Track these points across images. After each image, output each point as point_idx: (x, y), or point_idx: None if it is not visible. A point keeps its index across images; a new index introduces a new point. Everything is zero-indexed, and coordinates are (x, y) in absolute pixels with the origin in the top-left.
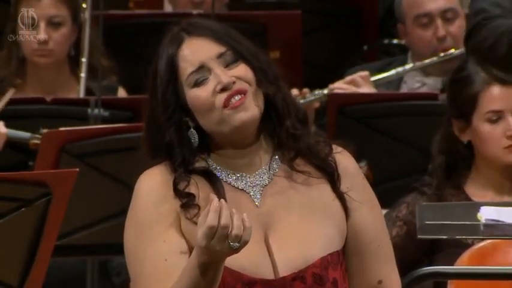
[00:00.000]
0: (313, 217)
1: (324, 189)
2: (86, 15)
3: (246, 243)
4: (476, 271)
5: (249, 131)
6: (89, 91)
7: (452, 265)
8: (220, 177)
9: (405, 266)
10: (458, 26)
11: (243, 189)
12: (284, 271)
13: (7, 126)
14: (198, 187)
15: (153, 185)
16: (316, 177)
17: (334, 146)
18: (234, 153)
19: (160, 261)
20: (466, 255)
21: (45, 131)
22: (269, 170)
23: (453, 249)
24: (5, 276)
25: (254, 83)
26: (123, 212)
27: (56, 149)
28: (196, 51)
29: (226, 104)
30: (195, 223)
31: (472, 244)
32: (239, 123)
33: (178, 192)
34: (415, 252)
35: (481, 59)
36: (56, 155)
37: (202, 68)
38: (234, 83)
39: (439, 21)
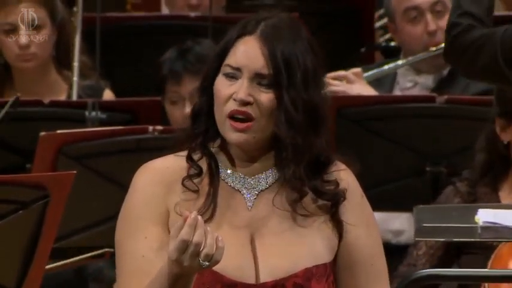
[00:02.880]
0: (303, 229)
1: (320, 211)
2: (78, 19)
3: (216, 262)
4: (474, 274)
5: (246, 149)
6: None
7: (478, 266)
8: (220, 175)
9: None
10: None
11: (238, 190)
12: (266, 277)
13: (5, 128)
14: (202, 171)
15: (149, 181)
16: (319, 214)
17: (338, 163)
18: (238, 153)
19: (138, 257)
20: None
21: (43, 133)
22: (268, 177)
23: (477, 250)
24: (2, 278)
25: (268, 116)
26: None
27: (54, 152)
28: (247, 54)
29: (230, 116)
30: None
31: (492, 246)
32: (231, 141)
33: (191, 161)
34: (450, 258)
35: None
36: (54, 157)
37: (239, 70)
38: (249, 103)
39: (428, 16)
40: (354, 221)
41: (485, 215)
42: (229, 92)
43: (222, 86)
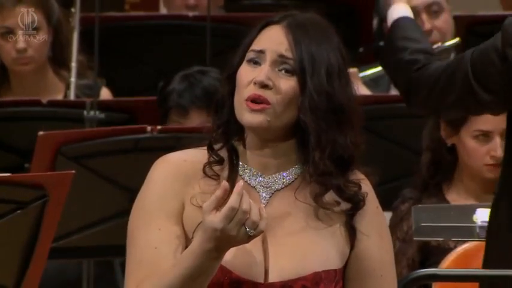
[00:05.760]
0: (315, 233)
1: (335, 214)
2: (76, 20)
3: (260, 232)
4: (471, 273)
5: (260, 135)
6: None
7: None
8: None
9: None
10: (443, 21)
11: (254, 187)
12: (274, 277)
13: (2, 128)
14: (223, 160)
15: (165, 173)
16: (335, 219)
17: (356, 172)
18: (253, 143)
19: (149, 249)
20: (450, 257)
21: (41, 133)
22: (284, 178)
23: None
24: (1, 278)
25: (285, 104)
26: (119, 214)
27: (52, 151)
28: (271, 37)
29: (248, 98)
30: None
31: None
32: (246, 122)
33: (211, 150)
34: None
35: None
36: (52, 157)
37: (262, 52)
38: (267, 86)
39: (424, 16)
40: (368, 231)
41: (483, 215)
42: (250, 76)
43: (245, 72)
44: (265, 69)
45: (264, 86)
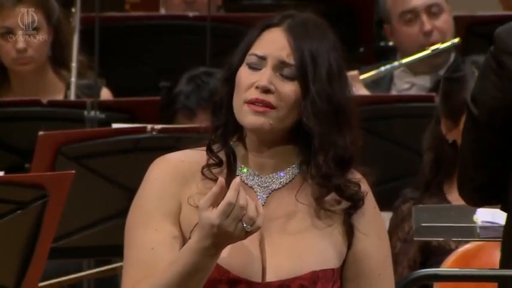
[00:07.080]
0: (313, 232)
1: (334, 214)
2: (76, 20)
3: (257, 228)
4: (472, 273)
5: (260, 137)
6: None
7: None
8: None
9: None
10: (444, 21)
11: (251, 187)
12: (272, 277)
13: (3, 128)
14: (222, 162)
15: (163, 176)
16: (334, 219)
17: (354, 172)
18: (253, 145)
19: (146, 250)
20: (451, 258)
21: (41, 133)
22: (282, 177)
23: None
24: (1, 278)
25: (289, 108)
26: (119, 214)
27: (52, 151)
28: (273, 42)
29: (249, 103)
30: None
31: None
32: (247, 124)
33: (211, 152)
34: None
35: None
36: (52, 157)
37: (264, 59)
38: (269, 91)
39: (424, 17)
40: (366, 230)
41: (483, 215)
42: (251, 80)
43: (245, 75)
44: (267, 74)
45: (266, 90)
